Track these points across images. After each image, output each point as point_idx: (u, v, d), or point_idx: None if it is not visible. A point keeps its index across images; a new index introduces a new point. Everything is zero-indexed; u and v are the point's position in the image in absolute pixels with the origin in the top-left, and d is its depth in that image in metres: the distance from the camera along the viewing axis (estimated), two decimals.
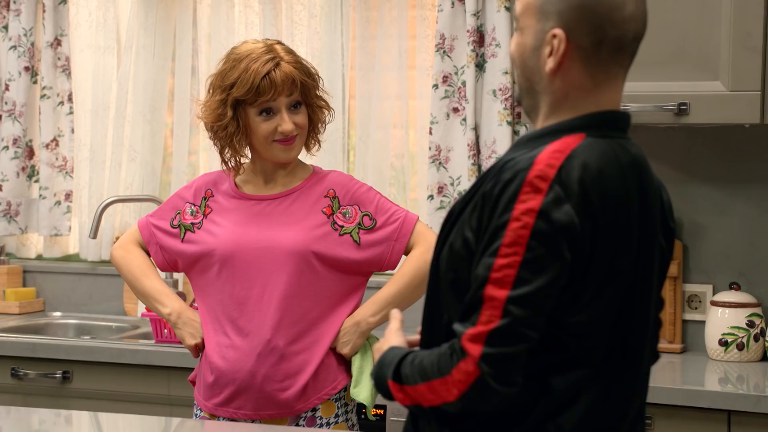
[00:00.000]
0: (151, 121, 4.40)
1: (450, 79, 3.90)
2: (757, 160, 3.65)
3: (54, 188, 4.42)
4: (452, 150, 3.91)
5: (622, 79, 1.98)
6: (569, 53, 1.92)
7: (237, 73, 2.81)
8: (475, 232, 1.89)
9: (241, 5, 4.28)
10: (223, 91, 2.82)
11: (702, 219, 3.70)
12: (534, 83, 1.97)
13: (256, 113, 2.82)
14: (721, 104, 3.32)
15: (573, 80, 1.94)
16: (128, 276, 3.00)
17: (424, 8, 4.09)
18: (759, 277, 3.65)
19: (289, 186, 2.90)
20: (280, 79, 2.80)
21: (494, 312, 1.81)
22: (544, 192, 1.83)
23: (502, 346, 1.81)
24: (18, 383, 3.83)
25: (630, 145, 1.98)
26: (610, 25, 1.91)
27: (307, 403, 2.83)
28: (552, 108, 1.96)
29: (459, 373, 1.83)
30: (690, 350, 3.71)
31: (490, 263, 1.83)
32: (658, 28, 3.37)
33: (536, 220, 1.82)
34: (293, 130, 2.83)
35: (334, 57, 4.14)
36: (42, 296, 4.50)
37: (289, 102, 2.83)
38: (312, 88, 2.87)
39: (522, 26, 1.97)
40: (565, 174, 1.85)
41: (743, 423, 3.12)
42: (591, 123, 1.94)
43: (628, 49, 1.95)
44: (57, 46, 4.39)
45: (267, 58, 2.81)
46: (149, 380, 3.71)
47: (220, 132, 2.84)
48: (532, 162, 1.86)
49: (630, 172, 1.94)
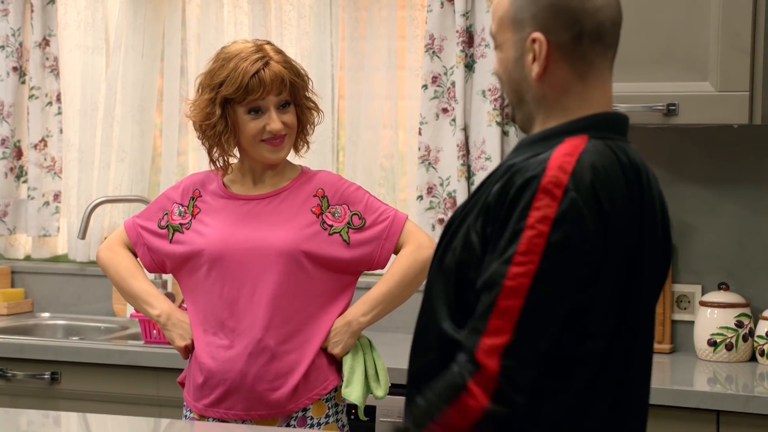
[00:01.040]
0: (140, 121, 4.39)
1: (439, 80, 3.90)
2: (745, 160, 3.66)
3: (42, 189, 4.41)
4: (441, 150, 3.91)
5: (609, 73, 1.98)
6: (552, 54, 1.92)
7: (226, 72, 2.81)
8: (480, 236, 1.88)
9: (230, 5, 4.27)
10: (212, 90, 2.82)
11: (691, 219, 3.71)
12: (523, 93, 1.97)
13: (245, 112, 2.82)
14: (710, 105, 3.32)
15: (561, 80, 1.94)
16: (115, 277, 2.98)
17: (413, 8, 4.09)
18: (748, 278, 3.65)
19: (277, 186, 2.90)
20: (269, 78, 2.80)
21: (506, 322, 1.79)
22: (559, 199, 1.81)
23: (519, 359, 1.78)
24: (6, 384, 3.82)
25: (630, 150, 1.97)
26: (585, 15, 1.91)
27: (297, 404, 2.82)
28: (546, 114, 1.96)
29: (476, 387, 1.79)
30: (679, 350, 3.72)
31: (504, 271, 1.80)
32: (647, 29, 3.38)
33: (552, 229, 1.80)
34: (281, 129, 2.82)
35: (323, 57, 4.14)
36: (30, 297, 4.49)
37: (278, 101, 2.83)
38: (301, 88, 2.86)
39: (500, 42, 1.99)
40: (578, 178, 1.83)
41: (732, 423, 3.12)
42: (591, 125, 1.93)
43: (608, 36, 1.95)
44: (45, 46, 4.38)
45: (256, 57, 2.81)
46: (138, 381, 3.70)
47: (208, 131, 2.84)
48: (545, 167, 1.84)
49: (631, 175, 1.93)
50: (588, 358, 1.88)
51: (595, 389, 1.90)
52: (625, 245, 1.89)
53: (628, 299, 1.91)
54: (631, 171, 1.93)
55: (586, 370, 1.88)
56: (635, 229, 1.91)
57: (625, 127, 2.00)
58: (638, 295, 1.94)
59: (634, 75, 3.38)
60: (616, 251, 1.87)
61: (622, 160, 1.92)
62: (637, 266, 1.92)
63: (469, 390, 1.80)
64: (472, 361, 1.80)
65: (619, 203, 1.88)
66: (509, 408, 1.80)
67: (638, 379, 1.99)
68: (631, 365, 1.95)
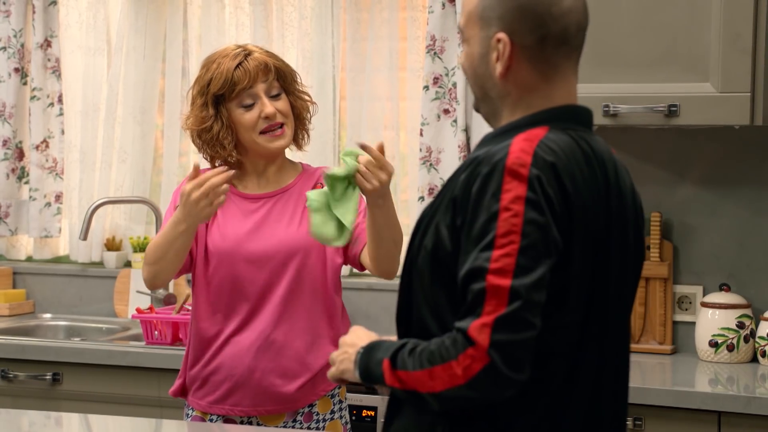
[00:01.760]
0: (142, 122, 4.39)
1: (441, 81, 3.90)
2: (746, 161, 3.65)
3: (44, 190, 4.42)
4: (443, 151, 3.91)
5: (573, 73, 2.01)
6: (515, 54, 1.95)
7: (211, 72, 2.83)
8: (449, 229, 1.90)
9: (232, 7, 4.28)
10: (202, 94, 2.84)
11: (692, 220, 3.71)
12: (488, 90, 2.00)
13: (237, 106, 2.83)
14: (711, 106, 3.32)
15: (524, 80, 1.97)
16: (153, 248, 2.78)
17: (414, 10, 4.09)
18: (749, 279, 3.65)
19: (282, 183, 2.91)
20: (253, 65, 2.82)
21: (499, 301, 1.81)
22: (526, 177, 1.84)
23: (511, 333, 1.80)
24: (7, 385, 3.82)
25: (594, 140, 2.00)
26: (550, 20, 1.94)
27: (305, 399, 2.83)
28: (511, 110, 1.99)
29: (466, 358, 1.81)
30: (680, 351, 3.71)
31: (487, 256, 1.82)
32: (648, 30, 3.38)
33: (526, 207, 1.83)
34: (275, 114, 2.82)
35: (324, 58, 4.14)
36: (32, 298, 4.49)
37: (268, 88, 2.84)
38: (289, 75, 2.88)
39: (467, 37, 2.01)
40: (539, 159, 1.87)
41: (733, 424, 3.12)
42: (552, 116, 1.97)
43: (572, 41, 1.97)
44: (47, 48, 4.39)
45: (237, 51, 2.85)
46: (139, 382, 3.70)
47: (205, 135, 2.84)
48: (507, 152, 1.87)
49: (595, 164, 1.96)
50: (562, 349, 1.90)
51: (572, 383, 1.92)
52: (592, 230, 1.91)
53: (594, 288, 1.93)
54: (595, 160, 1.96)
55: (561, 362, 1.90)
56: (601, 216, 1.94)
57: (589, 119, 2.03)
58: (604, 284, 1.95)
59: (635, 76, 3.38)
60: (582, 234, 1.89)
61: (584, 149, 1.95)
62: (603, 253, 1.94)
63: (459, 360, 1.82)
64: (463, 337, 1.82)
65: (582, 187, 1.90)
66: (504, 382, 1.81)
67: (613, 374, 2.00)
68: (603, 358, 1.97)
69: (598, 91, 3.40)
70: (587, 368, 1.94)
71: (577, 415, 1.94)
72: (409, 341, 1.92)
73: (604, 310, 1.96)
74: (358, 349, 1.99)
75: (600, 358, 1.96)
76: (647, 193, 3.70)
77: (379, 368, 1.92)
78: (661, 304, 3.68)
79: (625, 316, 2.04)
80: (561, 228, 1.86)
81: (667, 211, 3.72)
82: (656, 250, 3.67)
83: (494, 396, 1.84)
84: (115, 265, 4.40)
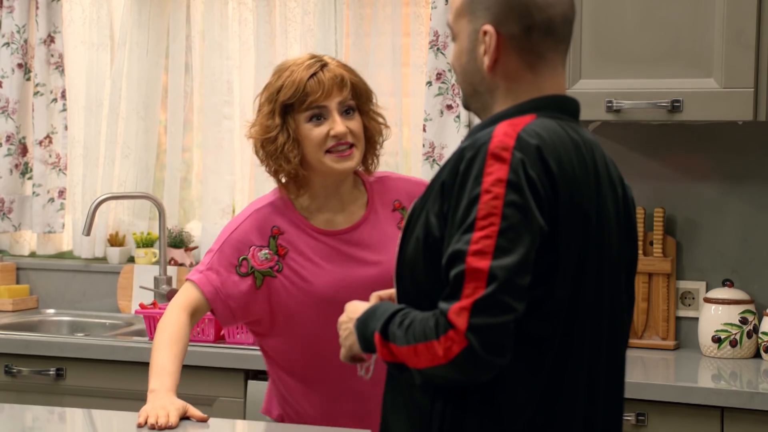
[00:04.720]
0: (145, 118, 4.39)
1: (444, 77, 3.90)
2: (750, 157, 3.65)
3: (47, 185, 4.42)
4: (446, 147, 3.91)
5: (562, 66, 2.02)
6: (502, 46, 1.97)
7: (282, 79, 2.64)
8: (438, 217, 1.91)
9: (235, 2, 4.28)
10: (270, 102, 2.64)
11: (695, 216, 3.71)
12: (476, 85, 2.02)
13: (306, 119, 2.62)
14: (715, 101, 3.32)
15: (511, 72, 1.98)
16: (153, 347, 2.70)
17: (417, 5, 4.09)
18: (752, 274, 3.65)
19: (356, 213, 2.72)
20: (328, 77, 2.62)
21: (478, 283, 1.81)
22: (508, 160, 1.86)
23: (488, 317, 1.81)
24: (11, 380, 3.83)
25: (581, 130, 2.01)
26: (536, 10, 1.96)
27: None
28: (499, 103, 2.00)
29: (447, 340, 1.83)
30: (683, 347, 3.72)
31: (468, 238, 1.84)
32: (652, 26, 3.38)
33: (506, 189, 1.84)
34: (346, 134, 2.62)
35: (327, 54, 4.14)
36: (35, 293, 4.50)
37: (341, 104, 2.64)
38: (365, 92, 2.68)
39: (456, 32, 2.04)
40: (523, 142, 1.88)
41: (736, 419, 3.12)
42: (539, 105, 1.98)
43: (559, 32, 1.99)
44: (50, 43, 4.39)
45: (313, 61, 2.65)
46: (143, 377, 3.68)
47: (269, 146, 2.63)
48: (491, 136, 1.89)
49: (584, 150, 1.97)
50: (551, 333, 1.91)
51: (564, 370, 1.92)
52: (581, 212, 1.92)
53: (584, 274, 1.93)
54: (584, 146, 1.97)
55: (552, 346, 1.91)
56: (592, 199, 1.95)
57: (576, 110, 2.04)
58: (597, 271, 1.95)
59: (638, 71, 3.38)
60: (570, 216, 1.90)
61: (573, 137, 1.97)
62: (594, 238, 1.94)
63: (440, 341, 1.84)
64: (444, 320, 1.83)
65: (569, 170, 1.91)
66: (483, 365, 1.82)
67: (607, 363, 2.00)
68: (597, 346, 1.97)
69: (601, 87, 3.40)
70: (577, 354, 1.94)
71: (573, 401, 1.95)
72: (402, 309, 1.93)
73: (599, 296, 1.96)
74: (355, 321, 2.01)
75: (593, 346, 1.96)
76: (650, 189, 3.70)
77: (373, 340, 1.95)
78: (664, 299, 3.68)
79: (620, 308, 2.03)
80: (546, 210, 1.87)
81: (670, 207, 3.72)
82: (659, 245, 3.67)
83: (475, 377, 1.85)
84: (118, 261, 4.41)
